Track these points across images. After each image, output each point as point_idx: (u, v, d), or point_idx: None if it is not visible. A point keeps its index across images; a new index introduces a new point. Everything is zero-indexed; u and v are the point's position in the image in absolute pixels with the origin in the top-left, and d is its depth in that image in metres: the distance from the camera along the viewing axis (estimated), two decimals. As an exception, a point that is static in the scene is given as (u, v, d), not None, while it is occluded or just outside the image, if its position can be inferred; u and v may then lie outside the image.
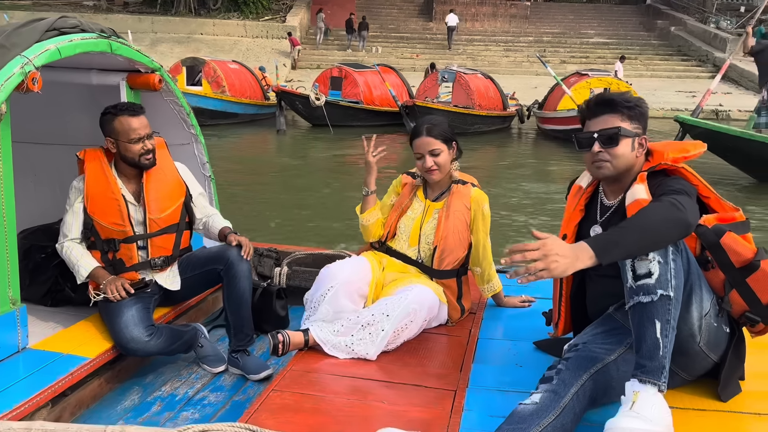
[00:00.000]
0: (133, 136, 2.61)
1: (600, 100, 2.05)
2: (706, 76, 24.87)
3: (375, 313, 2.34)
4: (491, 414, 1.92)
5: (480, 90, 15.38)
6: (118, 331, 2.54)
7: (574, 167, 11.69)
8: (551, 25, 30.23)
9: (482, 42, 28.21)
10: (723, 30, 26.57)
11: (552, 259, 1.61)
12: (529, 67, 25.59)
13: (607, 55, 26.49)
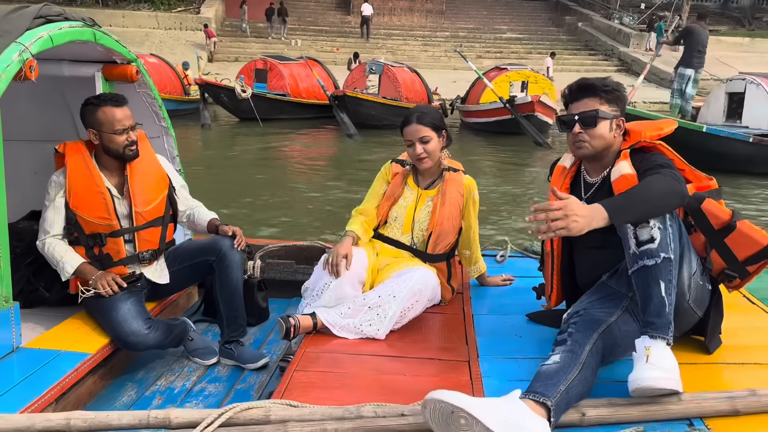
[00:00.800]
0: (118, 127, 2.55)
1: (581, 85, 2.23)
2: (613, 70, 26.35)
3: (382, 294, 2.42)
4: (509, 378, 2.06)
5: (407, 83, 15.65)
6: (116, 326, 2.49)
7: (500, 159, 12.13)
8: (466, 20, 31.02)
9: (401, 36, 28.56)
10: (626, 26, 28.20)
11: (572, 218, 1.75)
12: (447, 61, 26.16)
13: (520, 50, 27.50)
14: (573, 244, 2.37)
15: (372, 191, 2.87)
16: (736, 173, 8.59)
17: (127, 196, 2.63)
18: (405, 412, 1.75)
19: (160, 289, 2.81)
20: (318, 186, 9.28)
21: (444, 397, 1.57)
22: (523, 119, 13.34)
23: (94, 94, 2.81)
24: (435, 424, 1.60)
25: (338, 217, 7.42)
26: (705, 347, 2.16)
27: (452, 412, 1.55)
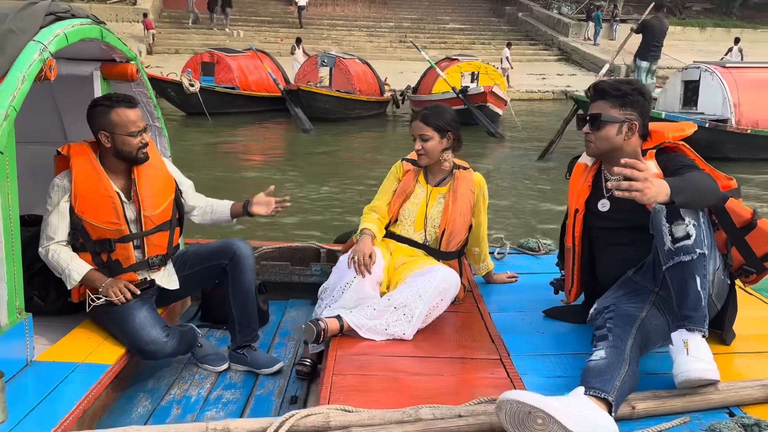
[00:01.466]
0: (132, 129, 2.46)
1: (596, 88, 2.32)
2: (554, 59, 27.06)
3: (407, 294, 2.43)
4: (546, 375, 2.12)
5: (359, 75, 15.59)
6: (134, 334, 2.41)
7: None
8: (409, 11, 31.11)
9: (345, 27, 28.39)
10: (565, 15, 28.90)
11: (649, 184, 1.78)
12: (393, 52, 26.20)
13: (463, 41, 27.80)
14: (594, 240, 2.44)
15: (383, 189, 2.86)
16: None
17: (134, 200, 2.54)
18: (461, 413, 1.77)
19: (168, 295, 2.73)
20: (276, 182, 9.17)
21: (520, 397, 1.60)
22: (476, 109, 13.54)
23: (91, 95, 2.70)
24: (510, 425, 1.62)
25: (304, 215, 7.39)
26: (721, 339, 2.27)
27: (529, 413, 1.58)
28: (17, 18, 1.98)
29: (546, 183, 9.14)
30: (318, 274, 3.65)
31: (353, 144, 12.99)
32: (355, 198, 8.13)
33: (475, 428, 1.72)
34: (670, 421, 1.77)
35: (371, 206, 2.84)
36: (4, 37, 1.90)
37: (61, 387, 2.08)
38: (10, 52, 1.88)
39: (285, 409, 2.47)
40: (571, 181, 2.52)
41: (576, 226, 2.44)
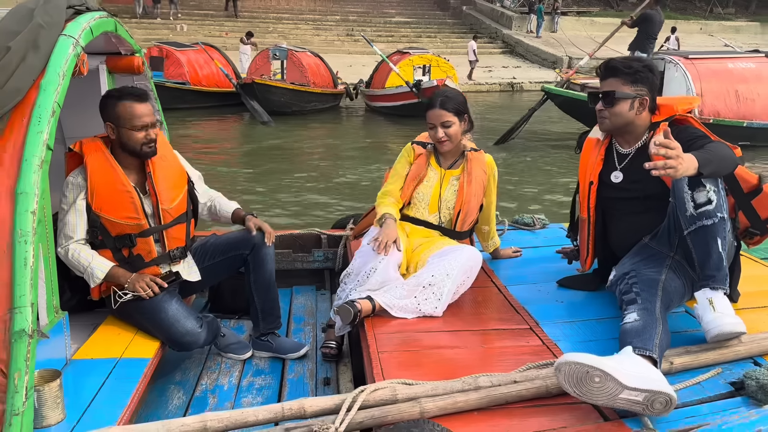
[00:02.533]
0: (137, 123, 2.43)
1: (607, 66, 2.44)
2: (498, 52, 27.55)
3: (435, 274, 2.51)
4: (579, 340, 2.24)
5: (312, 67, 15.50)
6: (169, 327, 2.41)
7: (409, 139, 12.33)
8: (355, 4, 31.04)
9: (291, 20, 28.12)
10: (507, 9, 29.45)
11: (680, 160, 1.89)
12: (341, 46, 26.14)
13: (410, 34, 27.96)
14: (607, 211, 2.58)
15: (395, 173, 2.93)
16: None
17: (151, 194, 2.52)
18: (516, 378, 1.86)
19: (189, 287, 2.73)
20: (243, 176, 9.10)
21: (578, 359, 1.70)
22: (430, 103, 13.69)
23: (93, 90, 2.67)
24: (569, 384, 1.73)
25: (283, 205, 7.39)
26: (729, 297, 2.45)
27: (587, 372, 1.69)
28: (43, 12, 1.94)
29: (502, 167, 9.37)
30: (320, 260, 3.71)
31: (313, 136, 12.95)
32: (330, 189, 8.16)
33: (532, 392, 1.82)
34: (705, 374, 1.91)
35: (385, 191, 2.90)
36: (35, 33, 1.86)
37: (110, 382, 2.07)
38: (44, 48, 1.85)
39: (321, 390, 2.53)
40: (583, 156, 2.64)
41: (591, 198, 2.57)
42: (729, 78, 10.02)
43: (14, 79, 1.73)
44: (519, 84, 22.99)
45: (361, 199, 7.76)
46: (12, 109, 1.71)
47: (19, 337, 1.54)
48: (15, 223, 1.58)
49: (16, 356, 1.53)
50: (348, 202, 7.54)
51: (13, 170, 1.63)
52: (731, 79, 10.00)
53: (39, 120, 1.67)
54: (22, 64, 1.77)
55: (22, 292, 1.56)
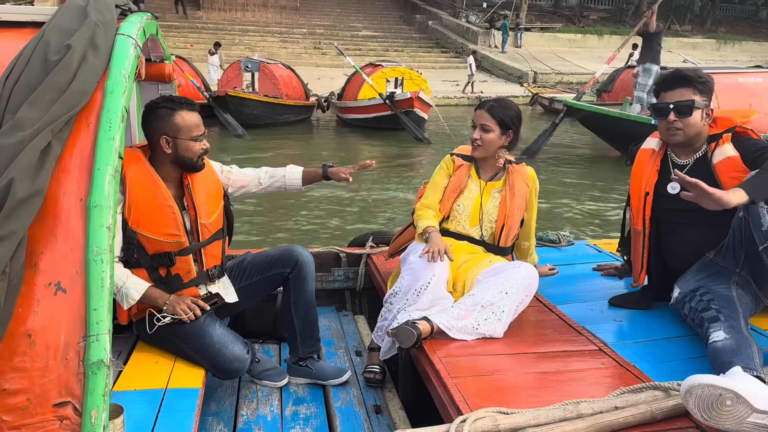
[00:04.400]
0: (196, 133, 2.27)
1: (676, 76, 2.38)
2: (465, 66, 27.81)
3: (493, 292, 2.38)
4: (659, 361, 2.14)
5: (285, 80, 15.31)
6: (216, 353, 2.22)
7: (384, 154, 12.27)
8: (321, 17, 30.97)
9: (257, 33, 27.83)
10: (473, 24, 29.81)
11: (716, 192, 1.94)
12: (308, 58, 25.98)
13: (377, 48, 27.98)
14: (663, 223, 2.50)
15: (434, 185, 2.80)
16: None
17: (189, 208, 2.33)
18: (617, 404, 1.75)
19: (225, 309, 2.54)
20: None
21: (711, 380, 1.60)
22: (403, 115, 13.65)
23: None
24: (698, 408, 1.62)
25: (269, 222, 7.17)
26: None
27: (720, 395, 1.59)
28: (95, 10, 1.75)
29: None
30: (341, 279, 3.54)
31: (288, 148, 12.76)
32: (312, 204, 7.97)
33: (638, 418, 1.71)
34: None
35: (424, 203, 2.77)
36: (92, 32, 1.67)
37: (164, 417, 1.88)
38: (103, 48, 1.66)
39: (375, 419, 2.36)
40: (636, 167, 2.57)
41: (646, 209, 2.49)
42: (742, 92, 10.19)
43: (78, 81, 1.54)
44: (486, 98, 23.21)
45: (340, 214, 7.62)
46: (76, 114, 1.52)
47: (97, 369, 1.35)
48: (89, 239, 1.40)
49: (93, 391, 1.34)
50: (335, 221, 7.39)
51: (83, 180, 1.45)
52: (744, 94, 10.16)
53: (110, 125, 1.49)
54: (84, 64, 1.59)
55: (99, 317, 1.37)
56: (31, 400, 1.34)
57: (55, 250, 1.40)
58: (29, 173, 1.37)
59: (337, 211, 7.86)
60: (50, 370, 1.35)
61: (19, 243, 1.34)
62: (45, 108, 1.47)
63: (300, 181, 2.72)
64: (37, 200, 1.37)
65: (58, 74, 1.53)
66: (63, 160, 1.46)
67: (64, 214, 1.42)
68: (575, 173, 10.37)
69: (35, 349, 1.36)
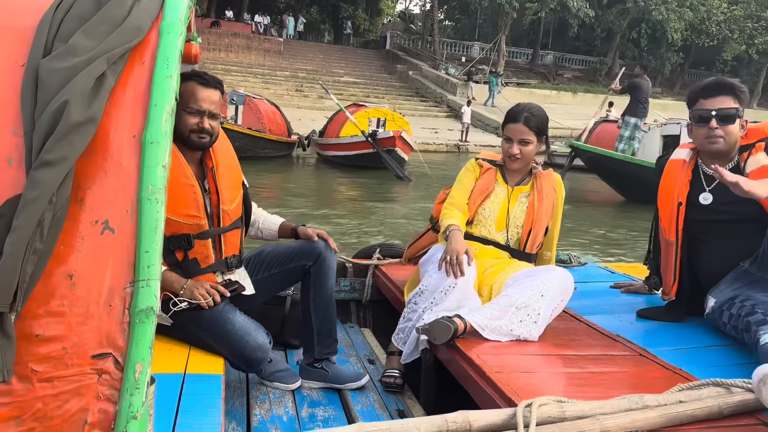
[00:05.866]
0: (192, 105, 2.11)
1: (719, 83, 2.37)
2: (443, 116, 28.27)
3: (528, 294, 2.28)
4: (706, 365, 2.05)
5: (269, 115, 15.32)
6: (238, 341, 2.06)
7: (365, 191, 12.28)
8: (304, 62, 31.38)
9: (240, 73, 27.98)
10: (452, 76, 30.50)
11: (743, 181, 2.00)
12: (290, 100, 26.13)
13: (358, 94, 28.35)
14: (695, 234, 2.45)
15: (461, 186, 2.72)
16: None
17: (212, 192, 2.21)
18: (681, 398, 1.65)
19: (240, 302, 2.38)
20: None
21: None
22: (385, 153, 13.70)
23: None
24: None
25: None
26: None
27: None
28: None
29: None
30: (347, 290, 3.41)
31: (267, 181, 12.67)
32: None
33: (705, 412, 1.60)
34: None
35: (451, 201, 2.66)
36: None
37: (187, 399, 1.71)
38: None
39: (401, 422, 2.20)
40: (666, 177, 2.53)
41: (679, 220, 2.44)
42: None
43: (132, 17, 1.44)
44: (464, 145, 23.65)
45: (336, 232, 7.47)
46: (131, 49, 1.42)
47: (146, 317, 1.19)
48: (143, 177, 1.26)
49: (140, 342, 1.19)
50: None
51: (137, 116, 1.32)
52: None
53: (167, 63, 1.38)
54: (137, 4, 1.48)
55: (151, 261, 1.23)
56: (67, 349, 1.18)
57: (104, 186, 1.26)
58: (84, 98, 1.24)
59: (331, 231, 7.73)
60: (91, 316, 1.20)
61: (67, 173, 1.21)
62: (100, 38, 1.36)
63: (276, 233, 2.57)
64: (91, 128, 1.25)
65: (113, 7, 1.42)
66: (115, 95, 1.34)
67: (115, 149, 1.29)
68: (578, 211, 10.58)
69: (75, 292, 1.20)
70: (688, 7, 32.76)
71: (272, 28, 35.79)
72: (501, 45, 32.55)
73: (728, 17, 33.82)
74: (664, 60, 34.53)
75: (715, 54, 36.01)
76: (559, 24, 37.06)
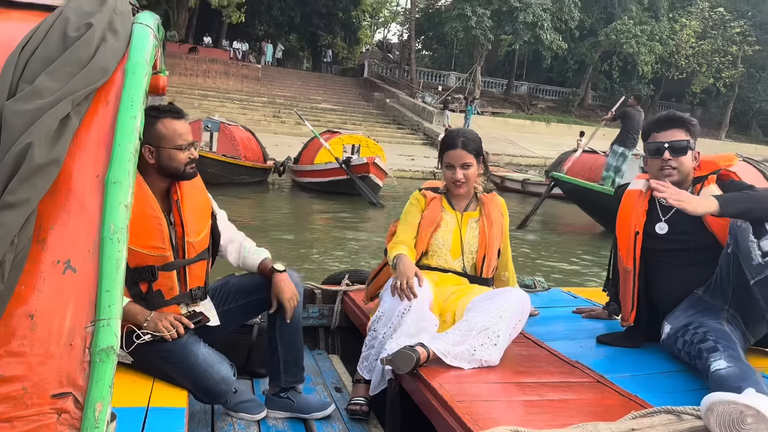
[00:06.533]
0: (180, 141, 2.19)
1: (669, 117, 2.48)
2: (420, 143, 28.53)
3: (487, 316, 2.33)
4: (661, 392, 2.11)
5: (244, 141, 15.33)
6: (202, 373, 2.08)
7: (339, 217, 12.31)
8: (282, 88, 31.55)
9: (217, 98, 28.02)
10: (428, 104, 30.89)
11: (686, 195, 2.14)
12: (267, 125, 26.19)
13: (336, 120, 28.52)
14: (651, 262, 2.54)
15: (406, 222, 2.76)
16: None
17: (176, 224, 2.24)
18: (633, 426, 1.70)
19: (203, 334, 2.39)
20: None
21: (733, 398, 1.59)
22: (359, 179, 13.78)
23: None
24: (719, 427, 1.59)
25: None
26: None
27: (741, 412, 1.56)
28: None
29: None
30: (315, 317, 3.43)
31: (241, 207, 12.65)
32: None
33: (655, 439, 1.66)
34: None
35: (397, 240, 2.71)
36: (110, 17, 1.63)
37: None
38: (122, 33, 1.61)
39: (365, 452, 2.23)
40: (624, 207, 2.62)
41: (636, 248, 2.52)
42: None
43: (98, 58, 1.49)
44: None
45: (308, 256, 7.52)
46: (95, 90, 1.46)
47: (106, 357, 1.22)
48: (105, 216, 1.30)
49: (100, 381, 1.21)
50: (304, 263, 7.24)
51: (100, 157, 1.36)
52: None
53: (131, 104, 1.42)
54: (103, 44, 1.53)
55: (112, 300, 1.26)
56: (27, 389, 1.20)
57: (67, 227, 1.30)
58: (48, 140, 1.28)
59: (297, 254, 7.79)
60: (51, 356, 1.22)
61: (29, 214, 1.24)
62: (65, 79, 1.40)
63: (256, 268, 2.52)
64: (54, 169, 1.28)
65: (79, 49, 1.47)
66: (79, 136, 1.38)
67: (78, 189, 1.33)
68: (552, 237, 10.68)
69: (36, 332, 1.22)
70: (657, 41, 33.73)
71: (250, 55, 36.00)
72: (476, 75, 33.11)
73: (696, 51, 34.84)
74: (635, 92, 35.32)
75: (684, 86, 37.00)
76: (533, 56, 37.84)
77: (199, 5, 31.45)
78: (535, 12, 30.11)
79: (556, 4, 31.09)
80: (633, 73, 35.26)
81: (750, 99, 38.37)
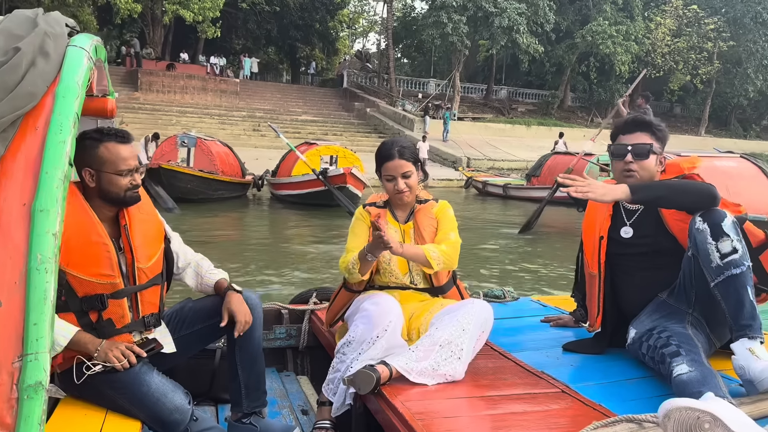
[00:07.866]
0: (123, 167, 2.11)
1: (636, 121, 2.47)
2: (401, 151, 28.60)
3: (450, 330, 2.30)
4: (623, 399, 2.09)
5: (221, 156, 15.26)
6: (155, 403, 2.02)
7: (317, 229, 12.26)
8: (261, 102, 31.50)
9: (196, 114, 27.92)
10: (409, 112, 30.99)
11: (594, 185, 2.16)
12: (247, 140, 26.14)
13: (316, 131, 28.55)
14: (617, 267, 2.52)
15: (355, 234, 2.70)
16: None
17: (126, 250, 2.17)
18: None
19: (161, 361, 2.32)
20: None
21: (689, 403, 1.56)
22: (337, 190, 13.74)
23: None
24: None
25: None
26: None
27: (698, 418, 1.54)
28: (45, 22, 1.67)
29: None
30: (282, 337, 3.36)
31: (219, 223, 12.56)
32: (249, 274, 7.75)
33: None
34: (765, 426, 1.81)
35: (349, 249, 2.64)
36: (42, 40, 1.59)
37: None
38: (54, 56, 1.58)
39: (330, 474, 2.18)
40: (589, 213, 2.62)
41: (601, 253, 2.51)
42: (720, 175, 10.81)
43: (26, 83, 1.45)
44: (422, 181, 23.90)
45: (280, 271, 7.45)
46: (23, 116, 1.42)
47: (35, 393, 1.18)
48: (32, 246, 1.26)
49: (28, 418, 1.17)
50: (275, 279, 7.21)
51: (27, 185, 1.32)
52: (722, 176, 10.76)
53: (60, 129, 1.39)
54: (33, 68, 1.50)
55: (40, 333, 1.21)
56: (-51, 429, 1.16)
57: (-9, 258, 1.25)
58: (-32, 171, 1.24)
59: (274, 268, 7.70)
60: (-25, 394, 1.17)
61: (-51, 247, 1.20)
62: (-11, 107, 1.36)
63: (212, 289, 2.49)
64: (-25, 200, 1.24)
65: (5, 74, 1.43)
66: (5, 163, 1.34)
67: (3, 219, 1.29)
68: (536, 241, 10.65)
69: (-41, 369, 1.18)
70: (633, 41, 34.15)
71: (228, 69, 35.92)
72: (455, 81, 33.28)
73: (672, 49, 35.33)
74: (614, 92, 35.74)
75: (662, 84, 37.47)
76: (511, 60, 38.18)
77: (175, 22, 31.43)
78: (510, 16, 30.35)
79: (531, 8, 31.38)
80: (611, 74, 35.65)
81: (727, 94, 38.95)
